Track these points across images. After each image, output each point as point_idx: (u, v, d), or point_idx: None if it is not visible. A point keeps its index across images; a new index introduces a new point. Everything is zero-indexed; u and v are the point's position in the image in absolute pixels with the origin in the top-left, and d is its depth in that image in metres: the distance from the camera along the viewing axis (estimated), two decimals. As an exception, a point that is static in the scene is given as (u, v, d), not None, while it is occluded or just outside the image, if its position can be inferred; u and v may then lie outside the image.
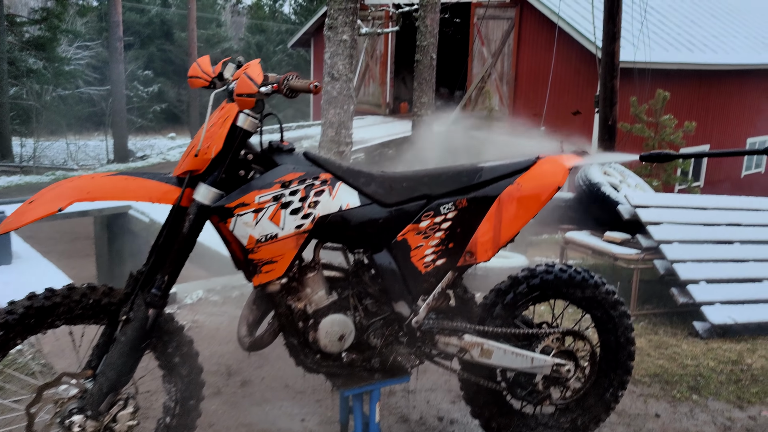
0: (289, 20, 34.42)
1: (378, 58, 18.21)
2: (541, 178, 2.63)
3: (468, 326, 2.67)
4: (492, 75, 15.58)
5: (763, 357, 4.02)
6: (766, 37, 17.78)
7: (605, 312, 2.89)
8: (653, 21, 14.19)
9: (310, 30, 20.05)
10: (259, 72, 2.12)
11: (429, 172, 2.59)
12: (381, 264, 2.52)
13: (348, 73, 6.15)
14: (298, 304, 2.49)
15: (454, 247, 2.57)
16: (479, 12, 15.42)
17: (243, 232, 2.27)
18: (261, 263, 2.32)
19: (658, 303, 5.07)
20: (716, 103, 15.81)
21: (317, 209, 2.36)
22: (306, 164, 2.41)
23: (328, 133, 6.28)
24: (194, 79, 2.44)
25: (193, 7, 22.49)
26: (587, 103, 13.63)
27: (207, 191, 2.25)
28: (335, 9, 5.99)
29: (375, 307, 2.58)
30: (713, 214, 5.06)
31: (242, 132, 2.26)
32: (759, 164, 18.36)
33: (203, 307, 4.48)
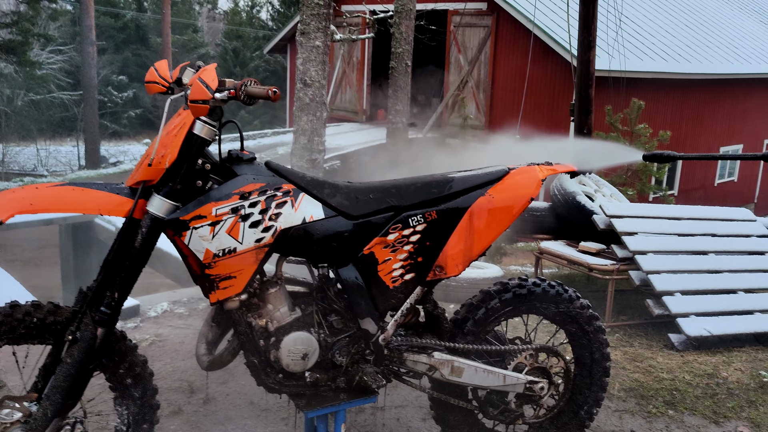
0: (266, 26, 34.24)
1: (355, 65, 18.13)
2: (513, 190, 2.54)
3: (438, 343, 2.57)
4: (469, 83, 15.57)
5: (739, 370, 3.96)
6: (739, 47, 18.00)
7: (580, 327, 2.80)
8: (628, 31, 14.27)
9: (287, 36, 19.92)
10: (213, 77, 2.00)
11: (397, 183, 2.49)
12: (347, 279, 2.40)
13: (321, 79, 6.04)
14: (259, 321, 2.37)
15: (423, 260, 2.46)
16: (456, 19, 15.41)
17: (199, 246, 2.14)
18: (218, 279, 2.20)
19: (633, 314, 5.01)
20: (690, 112, 15.94)
21: (279, 222, 2.24)
22: (267, 174, 2.29)
23: (301, 141, 6.16)
24: (151, 84, 2.32)
25: (167, 11, 22.24)
26: (563, 111, 13.67)
27: (161, 203, 2.12)
28: (308, 15, 5.88)
29: (340, 323, 2.47)
30: (688, 224, 5.01)
31: (199, 140, 2.15)
32: (732, 173, 18.54)
33: (168, 320, 4.33)
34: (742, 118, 17.84)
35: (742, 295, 4.58)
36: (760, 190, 19.73)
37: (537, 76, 13.56)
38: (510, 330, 2.92)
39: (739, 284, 4.63)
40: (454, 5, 15.17)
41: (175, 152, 2.11)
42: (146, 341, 3.96)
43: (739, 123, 17.81)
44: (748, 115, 18.01)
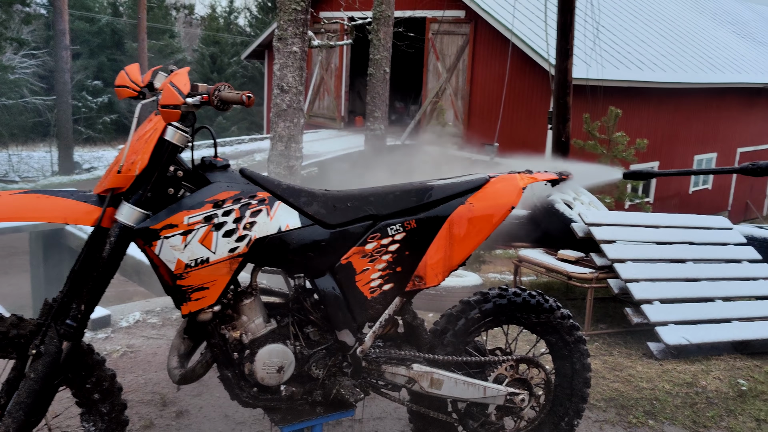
0: (244, 32, 34.09)
1: (333, 71, 18.09)
2: (493, 198, 2.50)
3: (417, 355, 2.51)
4: (447, 90, 15.60)
5: (717, 378, 3.96)
6: (712, 57, 18.25)
7: (560, 337, 2.76)
8: (605, 40, 14.43)
9: (265, 42, 19.84)
10: (186, 81, 1.93)
11: (375, 191, 2.43)
12: (324, 289, 2.34)
13: (298, 85, 5.98)
14: (233, 334, 2.30)
15: (402, 270, 2.41)
16: (434, 27, 15.44)
17: (170, 256, 2.07)
18: (190, 290, 2.12)
19: (612, 322, 5.00)
20: (665, 121, 16.11)
21: (253, 231, 2.17)
22: (241, 182, 2.22)
23: (278, 147, 6.09)
24: (122, 88, 2.24)
25: (143, 16, 22.02)
26: (541, 119, 13.74)
27: (130, 211, 2.05)
28: (285, 20, 5.82)
29: (317, 335, 2.41)
30: (666, 232, 5.02)
31: (171, 147, 2.07)
32: (706, 181, 18.77)
33: (140, 330, 4.22)
34: (715, 126, 18.08)
35: (720, 303, 4.59)
36: (733, 198, 20.00)
37: (515, 84, 13.62)
38: (490, 340, 2.88)
39: (716, 292, 4.64)
40: (432, 13, 15.20)
41: (145, 159, 2.04)
42: (117, 352, 3.85)
43: (713, 132, 18.04)
44: (722, 124, 18.26)
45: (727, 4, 25.58)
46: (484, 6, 14.24)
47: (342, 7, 12.85)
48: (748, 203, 20.58)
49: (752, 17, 25.40)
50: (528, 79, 13.72)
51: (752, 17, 25.40)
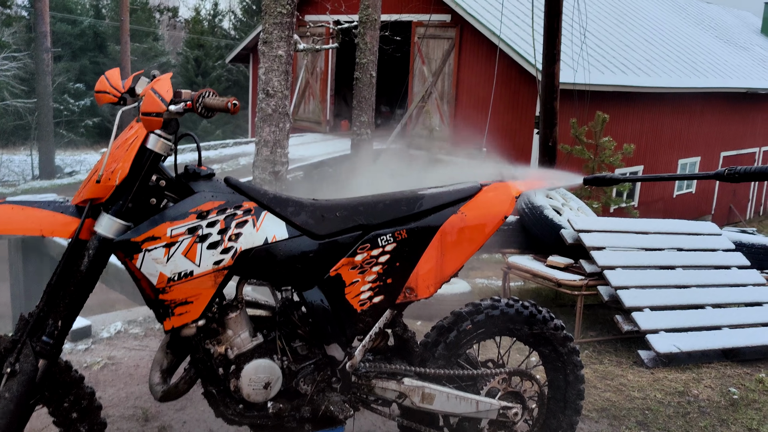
0: (229, 35, 33.91)
1: (318, 75, 18.00)
2: (486, 207, 2.43)
3: (408, 369, 2.44)
4: (433, 94, 15.56)
5: (709, 387, 3.92)
6: (696, 62, 18.37)
7: (554, 349, 2.70)
8: (590, 44, 14.44)
9: (249, 45, 19.71)
10: (168, 88, 1.85)
11: (365, 201, 2.36)
12: (312, 302, 2.26)
13: (284, 89, 5.90)
14: (218, 348, 2.21)
15: (393, 282, 2.34)
16: (420, 31, 15.40)
17: (152, 269, 1.98)
18: (174, 304, 2.04)
19: (602, 329, 4.96)
20: (650, 125, 16.17)
21: (239, 242, 2.10)
22: (227, 191, 2.14)
23: (263, 152, 6.01)
24: (102, 94, 2.17)
25: (126, 19, 21.81)
26: (527, 123, 13.74)
27: (110, 222, 1.96)
28: (270, 23, 5.74)
29: (305, 350, 2.33)
30: (655, 238, 4.99)
31: (153, 155, 1.99)
32: (690, 185, 18.87)
33: (121, 341, 4.12)
34: (699, 131, 18.19)
35: (710, 310, 4.56)
36: (716, 202, 20.13)
37: (501, 89, 13.61)
38: (481, 350, 2.81)
39: (706, 299, 4.61)
40: (418, 17, 15.16)
41: (126, 168, 1.96)
42: (98, 365, 3.75)
43: (696, 136, 18.16)
44: (705, 128, 18.38)
45: (710, 9, 25.80)
46: (469, 10, 14.22)
47: (328, 10, 12.78)
48: (731, 207, 20.74)
49: (735, 23, 25.64)
50: (514, 83, 13.72)
51: (735, 23, 25.64)
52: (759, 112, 20.24)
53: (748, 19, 27.47)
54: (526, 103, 13.79)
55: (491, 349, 3.55)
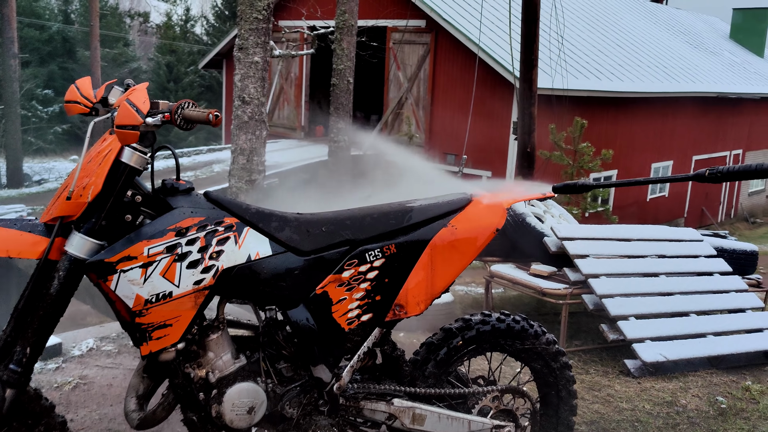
0: (201, 41, 33.58)
1: (293, 81, 17.87)
2: (477, 220, 2.34)
3: (397, 389, 2.34)
4: (408, 100, 15.51)
5: (696, 396, 3.88)
6: (668, 67, 18.57)
7: (546, 364, 2.62)
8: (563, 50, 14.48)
9: (223, 51, 19.51)
10: (144, 99, 1.74)
11: (352, 214, 2.26)
12: (297, 321, 2.15)
13: (260, 96, 5.78)
14: (199, 372, 2.09)
15: (381, 299, 2.24)
16: (395, 36, 15.35)
17: (128, 291, 1.86)
18: (151, 328, 1.92)
19: (586, 338, 4.91)
20: (623, 130, 16.30)
21: (221, 261, 1.98)
22: (207, 207, 2.03)
23: (239, 161, 5.88)
24: (72, 104, 2.04)
25: (96, 24, 21.45)
26: (503, 129, 13.75)
27: (82, 242, 1.84)
28: (246, 29, 5.62)
29: (290, 371, 2.22)
30: (638, 245, 4.96)
31: (128, 169, 1.87)
32: (663, 189, 19.06)
33: (94, 358, 3.96)
34: (671, 135, 18.38)
35: (695, 317, 4.53)
36: (689, 205, 20.36)
37: (477, 94, 13.59)
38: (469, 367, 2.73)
39: (690, 306, 4.59)
40: (394, 22, 15.11)
41: (99, 183, 1.83)
42: (69, 384, 3.59)
43: (669, 140, 18.34)
44: (677, 132, 18.58)
45: (679, 14, 26.16)
46: (445, 16, 14.21)
47: (303, 16, 12.66)
48: (703, 210, 20.99)
49: (704, 28, 26.02)
50: (489, 89, 13.72)
51: (704, 28, 26.02)
52: (729, 116, 20.53)
53: (717, 25, 27.91)
54: (502, 109, 13.80)
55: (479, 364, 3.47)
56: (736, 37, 26.28)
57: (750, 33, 25.82)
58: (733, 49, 24.74)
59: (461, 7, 14.92)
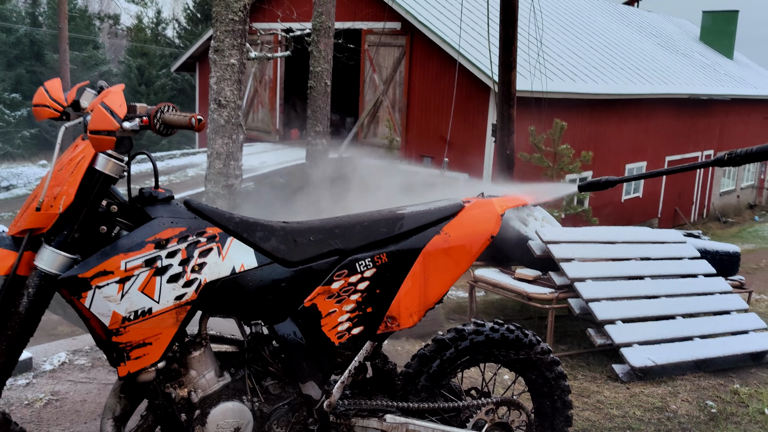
0: (173, 44, 33.17)
1: (267, 84, 17.68)
2: (471, 226, 2.25)
3: (390, 404, 2.24)
4: (384, 102, 15.42)
5: (686, 401, 3.83)
6: (640, 69, 18.73)
7: (541, 374, 2.54)
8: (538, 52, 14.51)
9: (196, 54, 19.26)
10: (121, 102, 1.61)
11: (341, 223, 2.15)
12: (285, 336, 2.04)
13: (236, 99, 5.64)
14: (180, 392, 1.97)
15: (373, 311, 2.13)
16: (370, 39, 15.26)
17: (104, 308, 1.74)
18: (130, 347, 1.79)
19: (572, 342, 4.85)
20: (598, 131, 16.39)
21: (203, 274, 1.86)
22: (187, 216, 1.91)
23: (216, 165, 5.73)
24: (41, 108, 1.91)
25: (64, 26, 21.04)
26: (480, 131, 13.72)
27: (53, 256, 1.71)
28: (222, 31, 5.48)
29: (278, 389, 2.11)
30: (622, 247, 4.91)
31: (103, 177, 1.75)
32: (637, 189, 19.21)
33: (66, 373, 3.79)
34: (645, 136, 18.53)
35: (681, 320, 4.49)
36: (662, 205, 20.56)
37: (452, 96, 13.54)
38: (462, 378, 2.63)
39: (676, 309, 4.55)
40: (368, 24, 15.03)
41: (71, 193, 1.71)
42: (40, 401, 3.43)
43: (643, 141, 18.49)
44: (651, 133, 18.74)
45: (651, 17, 26.45)
46: (420, 18, 14.15)
47: (279, 17, 12.50)
48: (676, 210, 21.20)
49: (675, 30, 26.33)
50: (466, 91, 13.68)
51: (675, 30, 26.33)
52: (701, 117, 20.77)
53: (687, 27, 28.26)
54: (479, 111, 13.78)
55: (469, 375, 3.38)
56: (705, 40, 26.64)
57: (719, 35, 26.18)
58: (703, 51, 25.06)
59: (437, 9, 14.88)
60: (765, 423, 3.56)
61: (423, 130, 14.79)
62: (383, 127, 14.97)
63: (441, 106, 14.29)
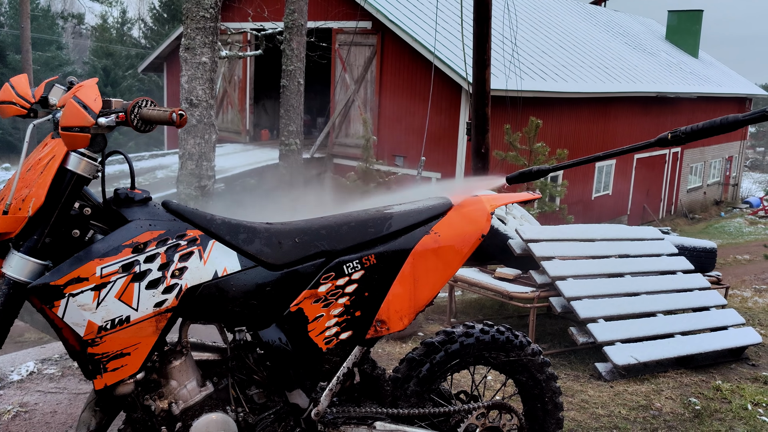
0: (139, 44, 32.67)
1: (236, 84, 17.47)
2: (461, 225, 2.18)
3: (379, 411, 2.15)
4: (355, 102, 15.33)
5: (670, 398, 3.81)
6: (609, 68, 18.91)
7: (531, 376, 2.47)
8: (507, 51, 14.56)
9: (163, 54, 18.96)
10: (96, 96, 1.51)
11: (327, 223, 2.06)
12: (270, 342, 1.94)
13: (208, 99, 5.52)
14: (161, 404, 1.87)
15: (362, 315, 2.05)
16: (340, 38, 15.16)
17: (78, 318, 1.63)
18: (107, 358, 1.69)
19: (553, 341, 4.82)
20: (567, 129, 16.50)
21: (184, 278, 1.76)
22: (166, 218, 1.81)
23: (188, 166, 5.60)
24: (7, 105, 1.79)
25: (27, 26, 20.55)
26: (453, 130, 13.71)
27: (23, 262, 1.60)
28: (192, 28, 5.35)
29: (263, 398, 2.01)
30: (601, 245, 4.89)
31: (75, 178, 1.64)
32: (607, 187, 19.40)
33: (35, 383, 3.64)
34: (613, 133, 18.72)
35: (662, 317, 4.48)
36: (631, 203, 20.80)
37: (426, 96, 13.51)
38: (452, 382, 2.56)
39: (657, 306, 4.54)
40: (339, 23, 14.92)
41: (41, 194, 1.59)
42: (8, 413, 3.28)
43: (611, 138, 18.67)
44: (619, 131, 18.94)
45: (618, 16, 26.76)
46: (391, 17, 14.09)
47: (250, 16, 12.33)
48: (645, 207, 21.47)
49: (641, 30, 26.67)
50: (437, 90, 13.65)
51: (641, 30, 26.67)
52: (668, 115, 21.06)
53: (653, 27, 28.66)
54: (451, 110, 13.77)
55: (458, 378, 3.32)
56: (671, 39, 27.04)
57: (684, 34, 26.58)
58: (669, 50, 25.43)
59: (407, 8, 14.84)
60: (749, 419, 3.56)
61: (395, 130, 14.73)
62: (355, 126, 14.88)
63: (413, 106, 14.25)
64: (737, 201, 27.79)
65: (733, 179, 27.81)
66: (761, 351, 4.82)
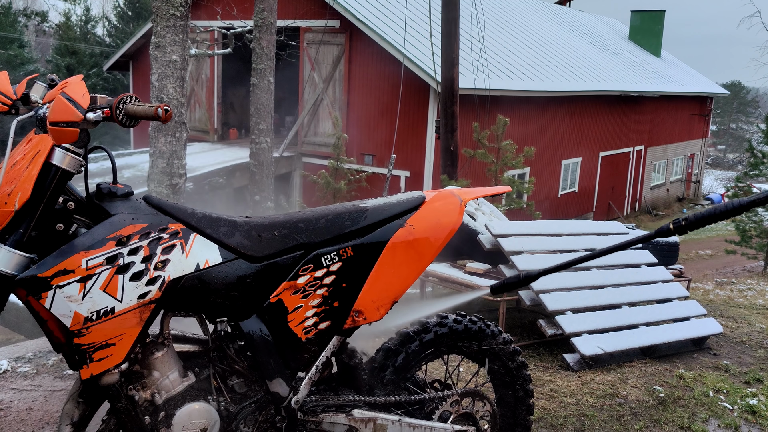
0: (103, 42, 32.20)
1: (204, 83, 17.36)
2: (434, 218, 2.25)
3: (357, 399, 2.22)
4: (324, 101, 15.36)
5: (636, 387, 3.94)
6: (574, 67, 19.21)
7: (503, 364, 2.56)
8: (474, 50, 14.73)
9: (129, 52, 18.75)
10: (83, 92, 1.55)
11: (305, 216, 2.12)
12: (250, 333, 2.00)
13: (179, 97, 5.52)
14: (143, 394, 1.91)
15: (339, 305, 2.11)
16: (308, 37, 15.17)
17: (65, 309, 1.66)
18: (92, 348, 1.72)
19: (522, 333, 4.93)
20: (534, 128, 16.73)
21: (167, 271, 1.81)
22: (149, 212, 1.85)
23: (159, 164, 5.59)
24: (-13, 101, 1.81)
25: (-11, 24, 20.17)
26: (420, 129, 13.81)
27: (9, 256, 1.63)
28: (162, 26, 5.35)
29: (244, 387, 2.06)
30: (569, 240, 5.02)
31: (60, 173, 1.67)
32: (573, 184, 19.72)
33: (9, 381, 3.63)
34: (579, 133, 19.03)
35: (627, 309, 4.62)
36: (597, 200, 21.16)
37: (394, 95, 13.60)
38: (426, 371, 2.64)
39: (622, 298, 4.67)
40: (308, 22, 14.93)
41: (27, 189, 1.63)
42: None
43: (578, 137, 18.99)
44: (585, 130, 19.26)
45: (582, 16, 27.17)
46: (359, 16, 14.15)
47: (218, 14, 12.27)
48: (610, 204, 21.86)
49: (605, 30, 27.12)
50: (405, 89, 13.75)
51: (605, 30, 27.12)
52: (632, 114, 21.48)
53: (617, 27, 29.16)
54: (419, 109, 13.87)
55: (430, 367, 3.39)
56: (634, 38, 27.55)
57: (647, 34, 27.11)
58: (632, 50, 25.91)
59: (375, 7, 14.90)
60: (710, 405, 3.70)
61: (363, 128, 14.80)
62: (324, 125, 14.91)
63: (381, 104, 14.33)
64: (699, 198, 28.45)
65: (695, 176, 28.46)
66: (722, 341, 5.00)
